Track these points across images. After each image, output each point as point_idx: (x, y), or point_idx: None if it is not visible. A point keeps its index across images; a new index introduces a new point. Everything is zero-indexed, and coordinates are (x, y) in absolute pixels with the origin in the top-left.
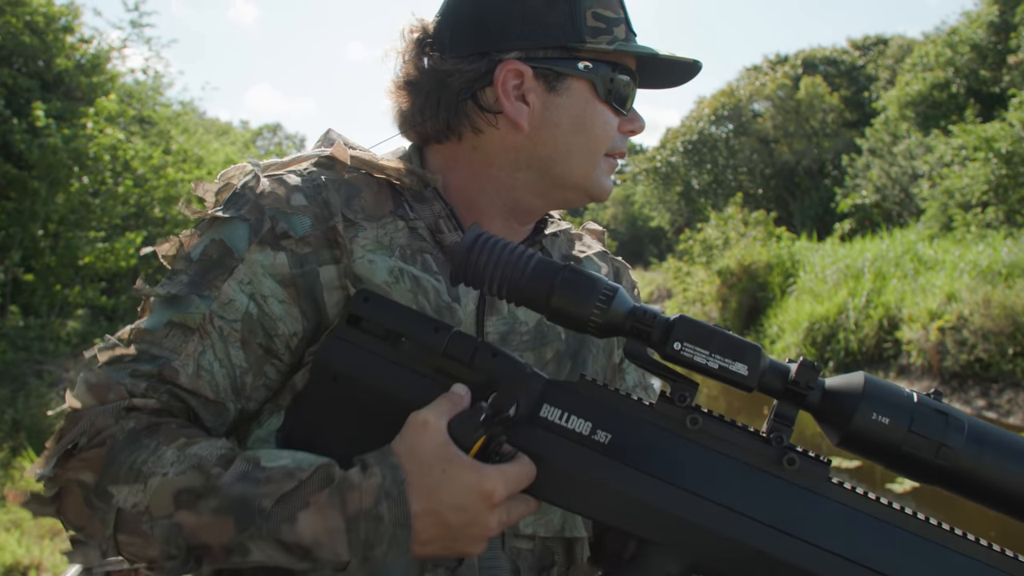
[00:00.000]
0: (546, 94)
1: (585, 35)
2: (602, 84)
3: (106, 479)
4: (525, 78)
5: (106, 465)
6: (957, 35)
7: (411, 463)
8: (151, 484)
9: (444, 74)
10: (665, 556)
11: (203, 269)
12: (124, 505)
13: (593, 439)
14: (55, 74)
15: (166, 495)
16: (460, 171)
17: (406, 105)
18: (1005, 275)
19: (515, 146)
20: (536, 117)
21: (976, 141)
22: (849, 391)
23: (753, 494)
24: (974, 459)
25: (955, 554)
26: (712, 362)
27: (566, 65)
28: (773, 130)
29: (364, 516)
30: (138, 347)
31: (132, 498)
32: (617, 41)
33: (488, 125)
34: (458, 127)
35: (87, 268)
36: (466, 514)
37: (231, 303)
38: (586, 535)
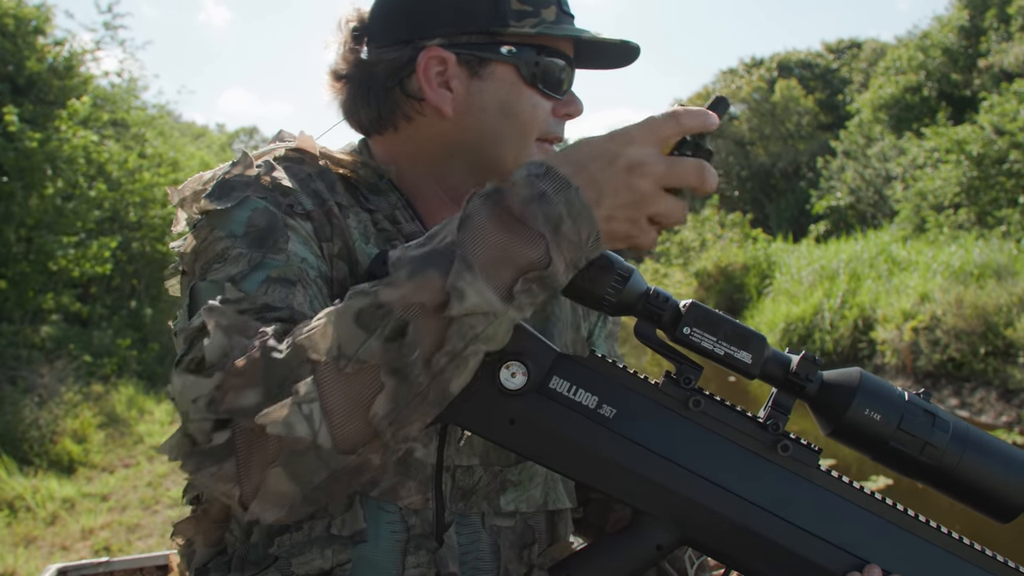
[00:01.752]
0: (469, 80)
1: (509, 19)
2: (526, 67)
3: (276, 371)
4: (448, 64)
5: (266, 363)
6: (929, 39)
7: (544, 158)
8: (328, 326)
9: (371, 64)
10: (657, 527)
11: (258, 237)
12: (318, 355)
13: (599, 412)
14: (27, 77)
15: (347, 321)
16: (402, 161)
17: (343, 96)
18: (977, 276)
19: (443, 133)
20: (460, 103)
21: (948, 144)
22: (845, 385)
23: (747, 475)
24: (955, 459)
25: (928, 544)
26: (719, 348)
27: (488, 50)
28: (749, 132)
29: (530, 200)
30: (252, 303)
31: (323, 345)
32: (544, 24)
33: (417, 113)
34: (390, 117)
35: (61, 273)
36: (607, 161)
37: (305, 259)
38: (570, 506)
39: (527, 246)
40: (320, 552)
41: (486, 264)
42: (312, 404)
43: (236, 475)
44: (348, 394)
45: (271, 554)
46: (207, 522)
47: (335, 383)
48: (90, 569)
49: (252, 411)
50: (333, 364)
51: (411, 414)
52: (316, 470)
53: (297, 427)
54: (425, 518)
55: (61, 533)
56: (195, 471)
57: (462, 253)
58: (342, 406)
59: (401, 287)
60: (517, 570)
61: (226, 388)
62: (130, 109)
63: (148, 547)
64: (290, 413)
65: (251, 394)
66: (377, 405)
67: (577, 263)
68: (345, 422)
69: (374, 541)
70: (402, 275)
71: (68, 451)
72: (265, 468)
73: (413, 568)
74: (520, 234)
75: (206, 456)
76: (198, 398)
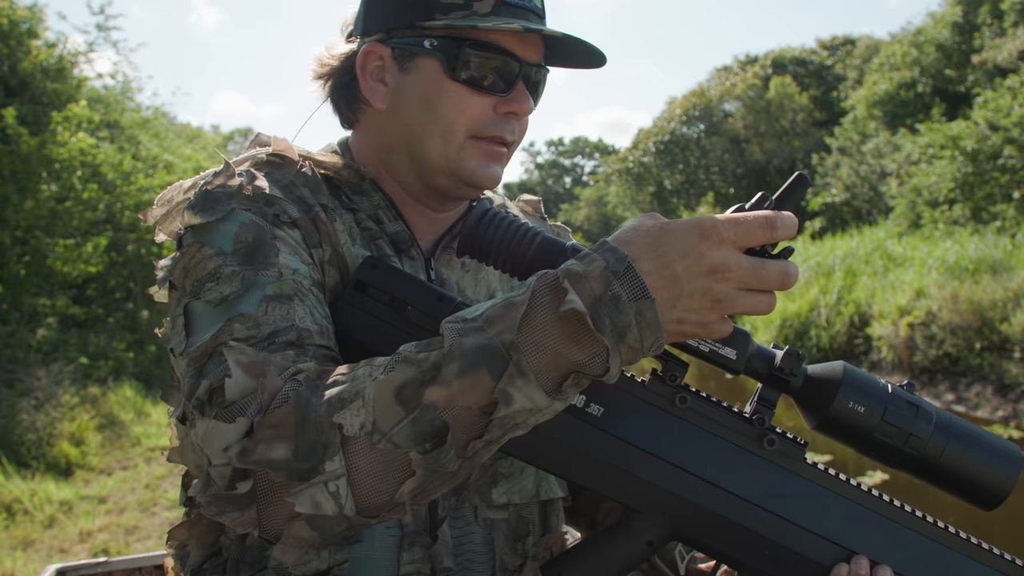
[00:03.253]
0: (399, 74)
1: (434, 11)
2: (448, 62)
3: (308, 431)
4: (385, 59)
5: (300, 419)
6: (922, 35)
7: (629, 240)
8: (367, 394)
9: (332, 63)
10: (647, 523)
11: (248, 254)
12: (351, 431)
13: (586, 411)
14: (19, 78)
15: (387, 395)
16: (363, 158)
17: (325, 96)
18: (972, 271)
19: (382, 126)
20: (392, 97)
21: (942, 139)
22: (829, 379)
23: (734, 470)
24: (939, 449)
25: (916, 534)
26: (703, 345)
27: (414, 43)
28: (744, 130)
29: (602, 302)
30: (258, 330)
31: (356, 419)
32: (474, 16)
33: (364, 107)
34: (347, 112)
35: (56, 276)
36: (693, 261)
37: (297, 270)
38: (562, 495)
39: (586, 354)
40: (317, 553)
41: (540, 370)
42: (339, 480)
43: (257, 521)
44: (377, 470)
45: (267, 556)
46: (201, 526)
47: (365, 456)
48: (88, 569)
49: (280, 465)
50: (366, 439)
51: (437, 488)
52: (336, 525)
53: (324, 505)
54: (418, 515)
55: (59, 536)
56: (217, 514)
57: (518, 359)
58: (370, 481)
59: (450, 386)
60: (512, 562)
61: (258, 439)
62: (123, 111)
63: (146, 549)
64: (317, 492)
65: (282, 448)
66: (406, 487)
67: (632, 363)
68: (371, 495)
69: (369, 540)
70: (453, 370)
71: (66, 454)
72: (287, 519)
73: (408, 565)
74: (582, 342)
75: (228, 502)
76: (229, 447)
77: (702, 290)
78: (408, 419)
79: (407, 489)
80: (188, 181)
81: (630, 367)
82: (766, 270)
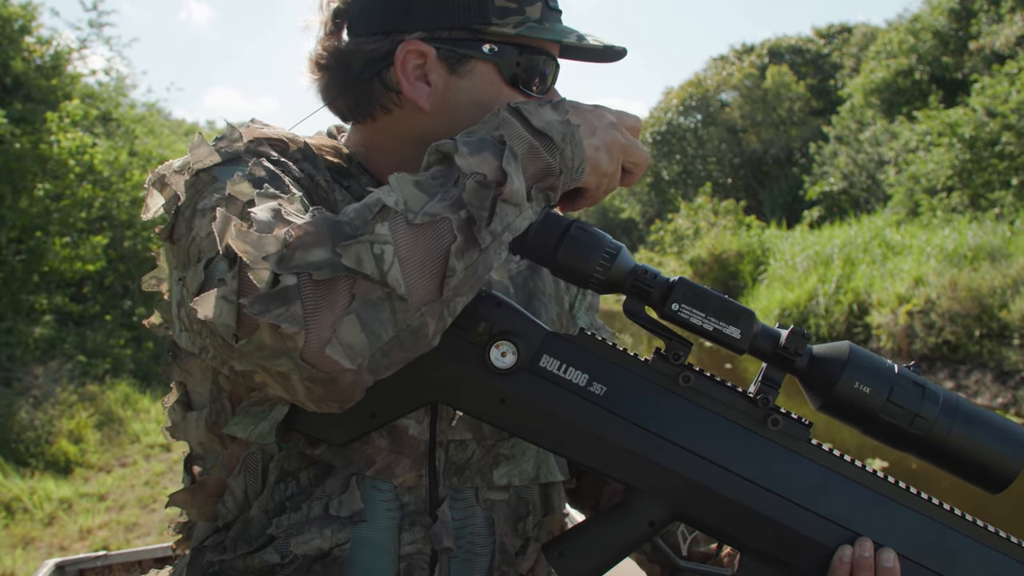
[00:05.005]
0: (448, 76)
1: (491, 16)
2: (508, 67)
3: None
4: (428, 59)
5: (331, 223)
6: (919, 22)
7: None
8: (392, 183)
9: (348, 54)
10: (650, 503)
11: (260, 183)
12: (390, 203)
13: (589, 390)
14: (13, 76)
15: (408, 186)
16: (377, 151)
17: (321, 84)
18: (971, 258)
19: (421, 127)
20: (438, 99)
21: (940, 127)
22: (835, 359)
23: (738, 450)
24: (945, 430)
25: (921, 516)
26: (707, 324)
27: (470, 47)
28: (741, 119)
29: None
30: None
31: (391, 196)
32: (528, 22)
33: (394, 105)
34: (368, 107)
35: (53, 274)
36: (598, 115)
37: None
38: (562, 479)
39: (548, 154)
40: (319, 532)
41: (522, 160)
42: (384, 246)
43: (303, 318)
44: (420, 244)
45: (269, 534)
46: (203, 495)
47: (406, 233)
48: (88, 563)
49: (321, 263)
50: (401, 216)
51: (467, 279)
52: (386, 323)
53: (366, 263)
54: (419, 495)
55: (59, 533)
56: (260, 313)
57: (510, 146)
58: (415, 255)
59: (468, 159)
60: (513, 543)
61: (294, 246)
62: (118, 106)
63: (147, 545)
64: (362, 249)
65: (319, 252)
66: (453, 257)
67: (566, 186)
68: (417, 271)
69: (371, 520)
70: (465, 151)
71: (64, 451)
72: (336, 317)
73: (409, 545)
74: (543, 143)
75: (272, 298)
76: (268, 255)
77: (604, 131)
78: (435, 198)
79: (455, 265)
80: (178, 160)
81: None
82: (637, 145)
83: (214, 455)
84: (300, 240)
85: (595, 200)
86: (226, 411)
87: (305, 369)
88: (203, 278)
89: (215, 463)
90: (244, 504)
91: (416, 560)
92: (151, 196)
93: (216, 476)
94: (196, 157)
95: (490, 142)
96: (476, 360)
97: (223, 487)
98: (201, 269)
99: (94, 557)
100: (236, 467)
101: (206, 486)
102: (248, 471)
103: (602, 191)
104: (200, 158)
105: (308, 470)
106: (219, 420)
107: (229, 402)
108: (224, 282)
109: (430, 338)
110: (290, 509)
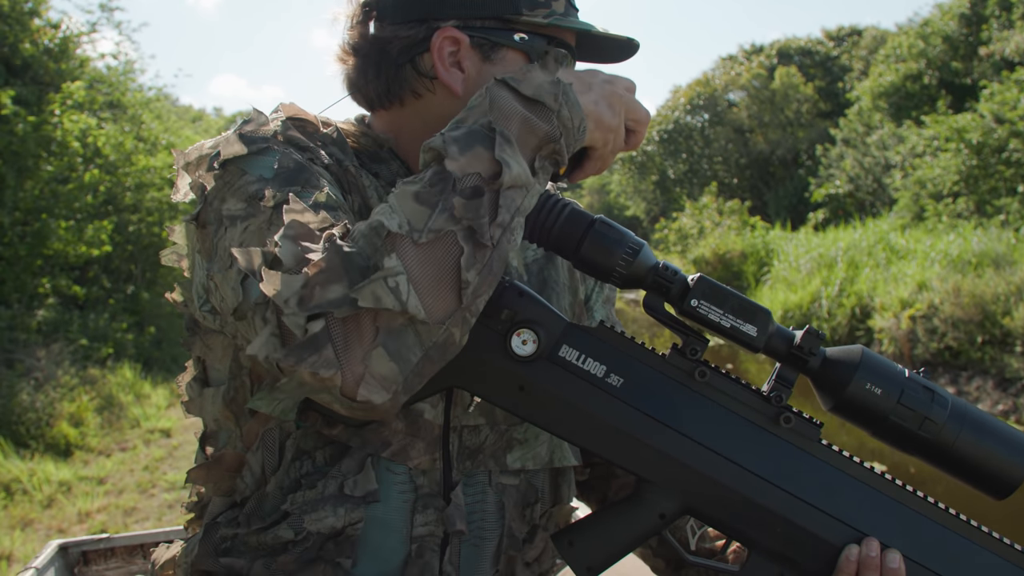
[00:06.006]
0: (481, 63)
1: (522, 7)
2: (537, 57)
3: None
4: (462, 46)
5: (342, 256)
6: (929, 27)
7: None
8: (392, 203)
9: (384, 41)
10: (661, 496)
11: (290, 177)
12: (394, 227)
13: (606, 381)
14: (22, 59)
15: (407, 201)
16: (405, 136)
17: (351, 70)
18: (975, 264)
19: (453, 112)
20: (471, 84)
21: (948, 132)
22: (847, 361)
23: (749, 447)
24: (953, 434)
25: (925, 518)
26: (725, 321)
27: (502, 36)
28: (748, 120)
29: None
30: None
31: (394, 220)
32: (555, 15)
33: (426, 91)
34: (399, 92)
35: (57, 257)
36: (591, 73)
37: (338, 197)
38: (576, 463)
39: (543, 121)
40: (333, 510)
41: (518, 138)
42: (398, 277)
43: (336, 360)
44: (430, 263)
45: (283, 510)
46: (219, 470)
47: (415, 255)
48: (91, 545)
49: (340, 301)
50: (407, 238)
51: (483, 282)
52: (412, 347)
53: (385, 299)
54: (433, 478)
55: (58, 516)
56: (296, 363)
57: (501, 130)
58: (428, 276)
59: (458, 160)
60: (520, 529)
61: (311, 285)
62: (125, 91)
63: (145, 530)
64: (377, 287)
65: (336, 287)
66: (464, 270)
67: (571, 148)
68: (433, 291)
69: (385, 501)
70: (454, 151)
71: (65, 434)
72: (365, 352)
73: (422, 527)
74: (537, 111)
75: (304, 347)
76: (289, 298)
77: (600, 87)
78: (437, 210)
79: (467, 277)
80: (209, 141)
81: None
82: (636, 101)
83: (227, 432)
84: (317, 278)
85: (605, 162)
86: (245, 388)
87: (345, 402)
88: (241, 298)
89: (228, 441)
90: (262, 479)
91: (427, 542)
92: (180, 178)
93: (232, 451)
94: (227, 148)
95: (479, 133)
96: (497, 347)
97: (240, 462)
98: (238, 285)
99: (97, 539)
100: (255, 443)
101: (223, 461)
102: (266, 447)
103: (609, 149)
104: (230, 149)
105: (324, 449)
106: (237, 396)
107: (249, 379)
108: (266, 321)
109: (458, 344)
110: (305, 487)
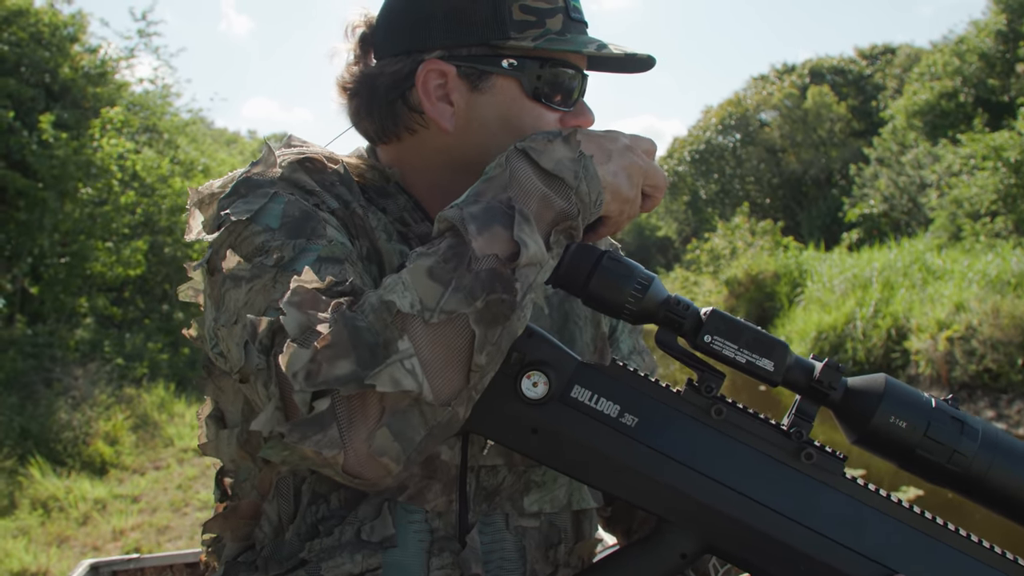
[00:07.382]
0: (470, 93)
1: (509, 30)
2: (529, 81)
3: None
4: (448, 77)
5: (351, 330)
6: (965, 44)
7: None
8: (404, 279)
9: (372, 76)
10: (681, 536)
11: (296, 226)
12: (405, 307)
13: (621, 421)
14: (61, 83)
15: (421, 277)
16: (408, 170)
17: (349, 108)
18: (1014, 285)
19: (447, 147)
20: (461, 117)
21: (984, 150)
22: (870, 392)
23: (771, 484)
24: (986, 466)
25: (959, 553)
26: (740, 356)
27: (489, 63)
28: (780, 139)
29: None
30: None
31: (405, 299)
32: (548, 35)
33: (419, 126)
34: (394, 129)
35: (95, 278)
36: (611, 139)
37: (344, 243)
38: (595, 506)
39: (561, 199)
40: (350, 557)
41: (536, 214)
42: (412, 360)
43: (340, 440)
44: (440, 344)
45: (300, 557)
46: (236, 519)
47: (425, 336)
48: (121, 565)
49: (348, 379)
50: (419, 319)
51: (490, 363)
52: (417, 427)
53: (404, 382)
54: (448, 520)
55: (93, 533)
56: (299, 441)
57: (520, 208)
58: (437, 357)
59: (476, 239)
60: (543, 570)
61: (319, 360)
62: (162, 115)
63: (177, 548)
64: (395, 370)
65: (344, 364)
66: (476, 352)
67: (587, 221)
68: (441, 373)
69: (402, 546)
70: (473, 229)
71: (100, 453)
72: (369, 432)
73: (438, 570)
74: (555, 187)
75: (309, 425)
76: (298, 372)
77: (620, 155)
78: (450, 288)
79: (479, 360)
80: (218, 181)
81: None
82: (655, 167)
83: (246, 470)
84: (324, 354)
85: (618, 227)
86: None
87: (347, 478)
88: (244, 360)
89: (247, 477)
90: (279, 528)
91: None
92: (193, 216)
93: (249, 500)
94: (235, 208)
95: (498, 211)
96: (507, 390)
97: (256, 511)
98: (241, 346)
99: (127, 559)
100: (270, 492)
101: (239, 511)
102: (281, 495)
103: (624, 217)
104: (237, 210)
105: (339, 492)
106: (251, 439)
107: None
108: (269, 394)
109: (461, 420)
110: (323, 533)
